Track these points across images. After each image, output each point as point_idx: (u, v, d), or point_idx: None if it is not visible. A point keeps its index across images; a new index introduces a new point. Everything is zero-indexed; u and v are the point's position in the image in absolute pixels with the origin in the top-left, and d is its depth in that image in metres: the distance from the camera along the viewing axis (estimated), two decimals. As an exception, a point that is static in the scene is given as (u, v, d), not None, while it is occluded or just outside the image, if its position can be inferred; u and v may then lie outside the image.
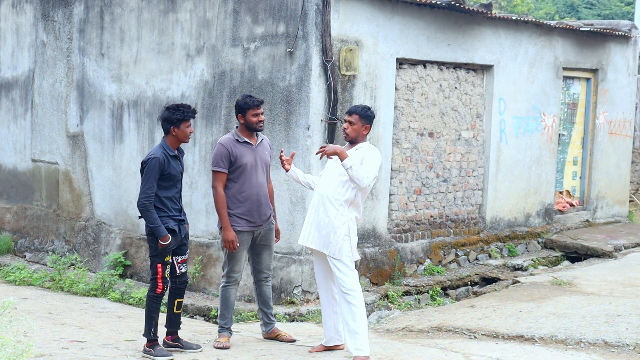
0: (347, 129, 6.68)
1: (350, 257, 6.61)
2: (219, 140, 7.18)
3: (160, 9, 10.07)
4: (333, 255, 6.58)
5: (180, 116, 6.75)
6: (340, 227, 6.56)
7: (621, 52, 13.28)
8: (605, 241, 11.97)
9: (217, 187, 7.02)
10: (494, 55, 11.01)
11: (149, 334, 6.81)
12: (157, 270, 6.77)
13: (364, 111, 6.68)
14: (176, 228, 6.81)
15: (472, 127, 10.94)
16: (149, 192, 6.68)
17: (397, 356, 6.83)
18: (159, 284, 6.78)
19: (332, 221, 6.57)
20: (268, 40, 9.03)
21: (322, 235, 6.60)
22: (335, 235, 6.55)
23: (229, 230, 6.97)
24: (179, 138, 6.82)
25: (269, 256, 7.28)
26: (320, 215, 6.62)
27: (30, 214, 11.93)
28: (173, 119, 6.75)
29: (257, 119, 7.04)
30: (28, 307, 8.66)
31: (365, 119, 6.68)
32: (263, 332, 7.43)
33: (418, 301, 9.47)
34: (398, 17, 9.65)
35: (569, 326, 7.56)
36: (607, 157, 13.25)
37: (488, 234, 11.18)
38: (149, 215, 6.68)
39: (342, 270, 6.58)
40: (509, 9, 23.32)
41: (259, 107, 7.04)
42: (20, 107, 12.04)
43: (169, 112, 6.77)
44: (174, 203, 6.84)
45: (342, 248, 6.56)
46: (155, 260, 6.78)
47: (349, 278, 6.58)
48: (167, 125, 6.78)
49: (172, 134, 6.79)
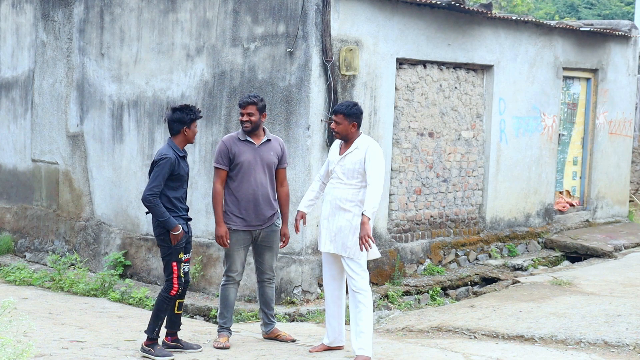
0: (335, 128, 6.70)
1: (364, 258, 6.60)
2: (222, 138, 7.28)
3: (160, 9, 10.07)
4: (353, 256, 6.55)
5: (193, 116, 6.81)
6: (358, 227, 6.53)
7: (621, 52, 13.28)
8: (605, 241, 11.96)
9: (216, 183, 7.07)
10: (494, 55, 11.01)
11: (152, 332, 6.80)
12: (173, 269, 6.76)
13: (347, 109, 6.66)
14: (185, 227, 6.84)
15: (472, 127, 10.94)
16: (155, 190, 6.66)
17: (397, 356, 6.83)
18: (174, 285, 6.76)
19: (350, 223, 6.55)
20: (268, 40, 9.03)
21: (341, 238, 6.58)
22: (355, 236, 6.53)
23: (221, 225, 7.00)
24: (189, 138, 6.86)
25: (270, 258, 7.26)
26: (337, 219, 6.60)
27: (30, 214, 11.93)
28: (186, 120, 6.78)
29: (241, 118, 7.06)
30: (28, 307, 8.65)
31: (350, 117, 6.64)
32: (263, 332, 7.43)
33: (418, 301, 9.47)
34: (398, 17, 9.65)
35: (569, 326, 7.56)
36: (607, 157, 13.25)
37: (488, 234, 11.18)
38: (157, 209, 6.67)
39: (355, 271, 6.58)
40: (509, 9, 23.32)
41: (244, 107, 7.03)
42: (20, 107, 12.04)
43: (181, 113, 6.80)
44: (182, 203, 6.87)
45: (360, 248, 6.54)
46: (170, 259, 6.76)
47: (362, 278, 6.59)
48: (179, 126, 6.80)
49: (184, 134, 6.82)
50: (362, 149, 6.59)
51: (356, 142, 6.67)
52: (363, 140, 6.68)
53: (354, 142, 6.67)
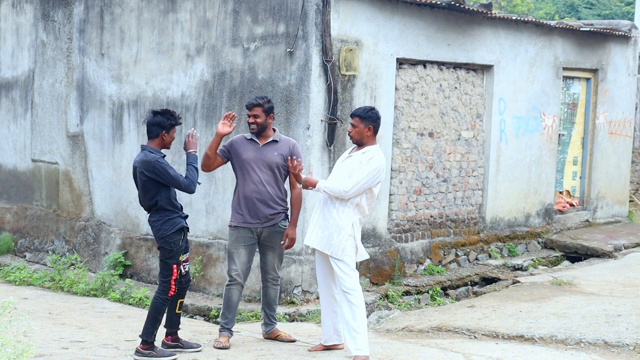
0: (351, 132, 6.73)
1: (352, 258, 6.62)
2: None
3: (160, 9, 10.07)
4: (335, 255, 6.58)
5: (173, 122, 6.77)
6: (345, 227, 6.56)
7: (621, 52, 13.28)
8: (605, 241, 11.96)
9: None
10: (494, 55, 11.01)
11: (150, 336, 6.75)
12: (173, 271, 6.74)
13: (364, 112, 6.69)
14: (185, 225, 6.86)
15: (472, 127, 10.94)
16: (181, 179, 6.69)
17: (397, 356, 6.83)
18: (172, 287, 6.75)
19: (336, 221, 6.57)
20: (268, 40, 9.03)
21: (326, 236, 6.61)
22: (339, 235, 6.56)
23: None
24: (166, 143, 6.82)
25: (273, 258, 7.27)
26: (326, 216, 6.64)
27: (30, 214, 11.93)
28: (166, 124, 6.74)
29: (249, 120, 7.16)
30: (28, 307, 8.65)
31: (366, 120, 6.67)
32: (263, 332, 7.43)
33: (418, 301, 9.47)
34: (398, 17, 9.65)
35: (569, 326, 7.56)
36: (607, 157, 13.25)
37: (488, 234, 11.18)
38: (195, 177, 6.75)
39: (343, 270, 6.59)
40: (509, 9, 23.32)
41: (250, 109, 7.13)
42: (20, 107, 12.04)
43: (162, 117, 6.74)
44: (177, 202, 6.88)
45: (345, 249, 6.57)
46: (171, 261, 6.75)
47: (350, 278, 6.59)
48: (157, 130, 6.75)
49: (162, 139, 6.78)
50: (367, 156, 6.60)
51: (368, 148, 6.67)
52: (373, 150, 6.67)
53: (366, 147, 6.68)
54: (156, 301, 6.79)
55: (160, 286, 6.81)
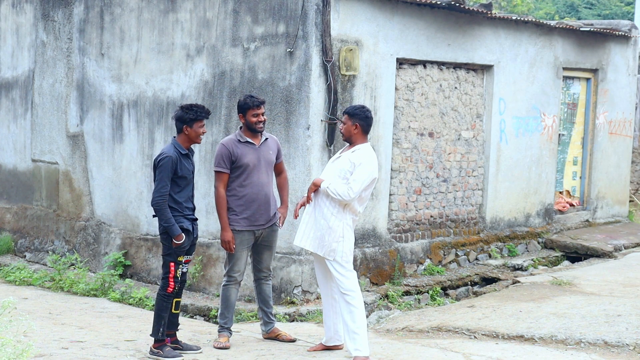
0: (341, 129, 6.76)
1: (346, 258, 6.61)
2: (221, 140, 7.22)
3: (160, 9, 10.07)
4: (327, 256, 6.58)
5: (193, 115, 6.79)
6: (336, 228, 6.55)
7: (621, 52, 13.28)
8: (605, 241, 11.96)
9: (218, 187, 7.05)
10: (494, 55, 11.01)
11: (157, 333, 6.80)
12: (170, 269, 6.77)
13: (353, 110, 6.70)
14: (190, 228, 6.85)
15: (472, 127, 10.94)
16: (163, 191, 6.68)
17: (397, 356, 6.83)
18: (170, 283, 6.78)
19: (327, 222, 6.57)
20: (268, 40, 9.03)
21: (317, 237, 6.60)
22: (330, 237, 6.55)
23: (227, 230, 7.00)
24: (191, 137, 6.85)
25: (269, 257, 7.29)
26: (317, 216, 6.63)
27: (30, 214, 11.93)
28: (186, 118, 6.78)
29: (256, 119, 7.05)
30: (28, 307, 8.65)
31: (354, 118, 6.65)
32: (263, 332, 7.43)
33: (418, 301, 9.47)
34: (398, 17, 9.65)
35: (569, 326, 7.56)
36: (607, 157, 13.25)
37: (488, 234, 11.18)
38: (163, 214, 6.70)
39: (339, 271, 6.58)
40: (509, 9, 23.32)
41: (259, 108, 7.05)
42: (20, 107, 12.04)
43: (182, 111, 6.81)
44: (188, 202, 6.88)
45: (336, 250, 6.56)
46: (168, 259, 6.78)
47: (347, 279, 6.58)
48: (180, 124, 6.82)
49: (185, 133, 6.82)
50: (358, 156, 6.58)
51: (358, 147, 6.66)
52: (364, 148, 6.65)
53: (356, 146, 6.67)
54: (157, 298, 6.86)
55: (161, 282, 6.89)
